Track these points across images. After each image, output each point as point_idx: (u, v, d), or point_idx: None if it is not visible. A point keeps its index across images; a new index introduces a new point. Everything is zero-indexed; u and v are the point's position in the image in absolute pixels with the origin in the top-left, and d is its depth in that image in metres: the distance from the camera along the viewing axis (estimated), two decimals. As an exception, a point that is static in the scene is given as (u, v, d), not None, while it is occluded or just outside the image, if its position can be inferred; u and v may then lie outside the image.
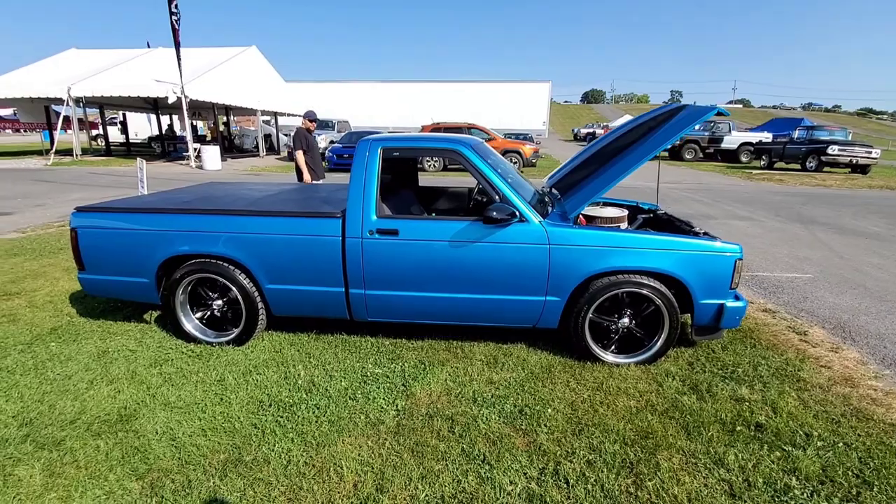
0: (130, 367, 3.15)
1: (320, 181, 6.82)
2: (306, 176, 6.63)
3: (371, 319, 3.42)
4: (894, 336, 3.69)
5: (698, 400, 2.78)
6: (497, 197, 3.17)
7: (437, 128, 18.29)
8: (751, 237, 7.19)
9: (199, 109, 25.52)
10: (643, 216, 4.16)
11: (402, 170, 4.49)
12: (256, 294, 3.39)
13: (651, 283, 3.08)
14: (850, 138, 19.32)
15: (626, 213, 3.83)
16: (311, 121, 6.81)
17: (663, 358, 3.24)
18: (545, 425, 2.56)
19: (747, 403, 2.74)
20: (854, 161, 17.49)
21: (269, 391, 2.88)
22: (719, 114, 2.96)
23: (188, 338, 3.50)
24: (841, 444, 2.36)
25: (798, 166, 19.13)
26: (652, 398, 2.82)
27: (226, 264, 3.34)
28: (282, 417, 2.62)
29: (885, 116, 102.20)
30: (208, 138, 27.25)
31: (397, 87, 32.16)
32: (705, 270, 3.07)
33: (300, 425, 2.55)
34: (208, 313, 3.56)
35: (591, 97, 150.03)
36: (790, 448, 2.34)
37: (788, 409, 2.66)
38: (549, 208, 3.40)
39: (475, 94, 28.78)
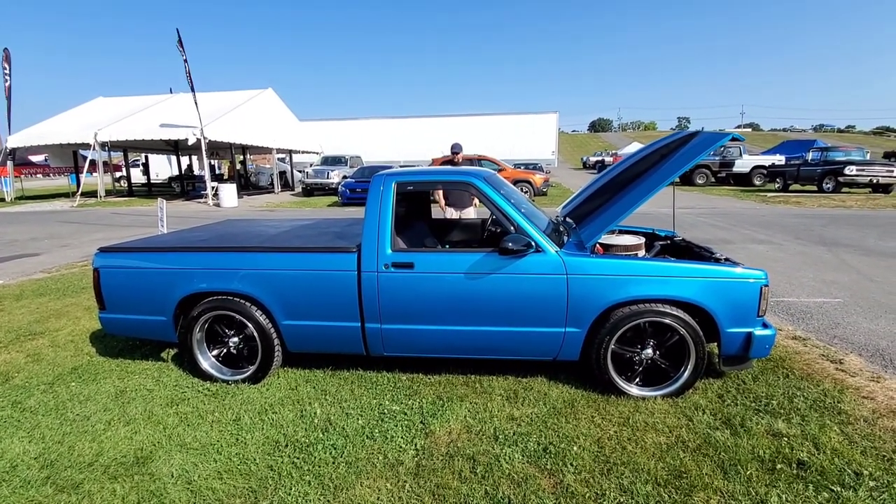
0: (147, 406, 3.12)
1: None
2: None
3: (388, 355, 3.37)
4: (938, 363, 3.50)
5: (732, 435, 2.64)
6: (512, 228, 3.14)
7: (447, 160, 18.50)
8: (773, 261, 7.02)
9: (217, 149, 26.39)
10: (660, 243, 4.10)
11: (415, 203, 4.52)
12: (272, 330, 3.37)
13: (674, 312, 2.99)
14: (868, 157, 19.06)
15: (643, 240, 3.77)
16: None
17: (691, 390, 3.11)
18: (571, 464, 2.44)
19: (786, 439, 2.59)
20: (875, 181, 17.20)
21: (286, 431, 2.82)
22: (734, 139, 2.93)
23: (204, 376, 3.47)
24: None
25: (814, 188, 18.87)
26: (682, 434, 2.69)
27: (242, 301, 3.35)
28: (298, 458, 2.55)
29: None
30: (225, 177, 28.06)
31: (408, 123, 32.86)
32: (730, 298, 2.98)
33: (317, 467, 2.48)
34: (224, 350, 3.54)
35: (598, 126, 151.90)
36: (839, 489, 2.19)
37: (832, 444, 2.51)
38: (565, 238, 3.37)
39: (485, 127, 29.25)
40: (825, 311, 4.71)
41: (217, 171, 30.26)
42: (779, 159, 23.15)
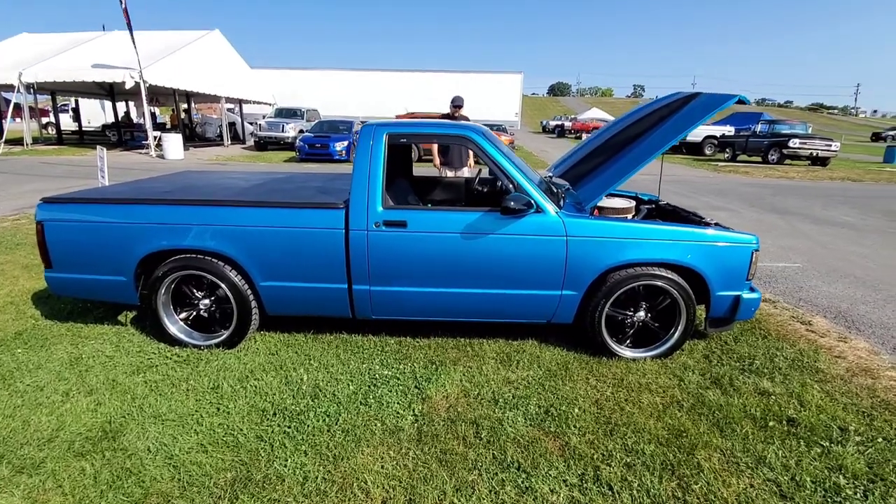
0: (109, 375, 2.83)
1: None
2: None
3: (376, 318, 3.20)
4: (896, 325, 3.75)
5: (723, 394, 2.72)
6: (511, 186, 3.00)
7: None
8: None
9: (157, 96, 24.23)
10: (646, 207, 4.09)
11: (396, 158, 4.25)
12: (249, 292, 3.11)
13: (669, 276, 2.98)
14: (810, 132, 20.11)
15: (633, 203, 3.74)
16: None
17: (678, 351, 3.17)
18: (574, 426, 2.42)
19: (773, 397, 2.69)
20: (815, 154, 18.23)
21: (272, 398, 2.64)
22: (740, 101, 2.87)
23: (172, 341, 3.19)
24: (881, 440, 2.33)
25: (759, 159, 19.79)
26: (676, 393, 2.74)
27: (215, 260, 3.05)
28: (289, 428, 2.39)
29: (835, 111, 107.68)
30: (168, 126, 26.02)
31: (369, 76, 31.32)
32: (723, 262, 3.01)
33: (311, 436, 2.33)
34: (194, 314, 3.26)
35: (557, 90, 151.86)
36: (828, 444, 2.29)
37: (816, 402, 2.63)
38: (561, 199, 3.26)
39: (448, 85, 28.32)
40: (788, 276, 4.95)
41: (158, 121, 27.95)
42: (729, 130, 24.02)
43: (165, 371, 2.89)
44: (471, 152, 5.81)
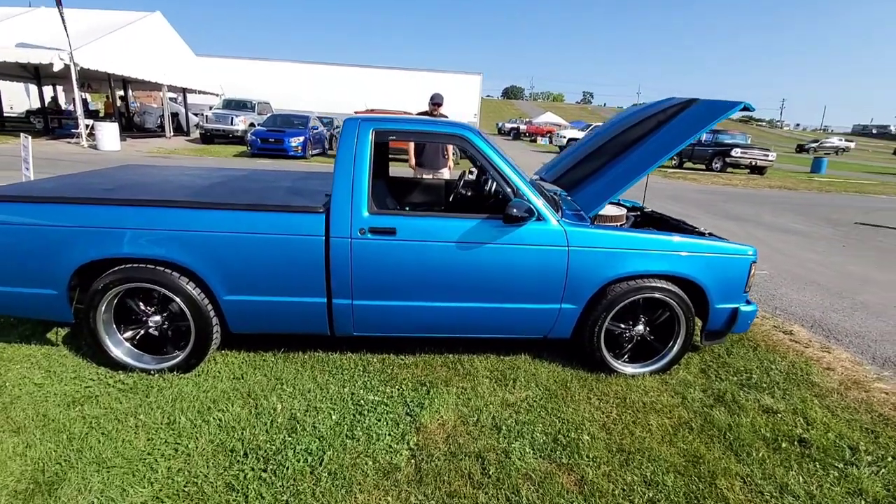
0: (39, 408, 2.35)
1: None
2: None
3: (357, 335, 2.88)
4: (871, 334, 3.84)
5: (730, 413, 2.61)
6: (509, 191, 2.77)
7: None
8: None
9: (90, 81, 22.26)
10: (633, 214, 3.99)
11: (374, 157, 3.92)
12: (210, 307, 2.70)
13: (670, 288, 2.86)
14: (749, 142, 21.35)
15: (624, 211, 3.62)
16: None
17: (676, 366, 3.06)
18: (587, 456, 2.22)
19: (779, 415, 2.61)
20: (754, 163, 19.35)
21: (241, 434, 2.26)
22: (745, 108, 2.79)
23: (116, 364, 2.73)
24: (891, 459, 2.28)
25: (704, 166, 20.80)
26: (682, 413, 2.61)
27: (168, 270, 2.62)
28: (265, 472, 2.04)
29: (763, 123, 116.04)
30: (102, 114, 24.04)
31: (325, 70, 30.31)
32: (723, 274, 2.92)
33: (293, 482, 1.99)
34: (142, 332, 2.80)
35: (511, 93, 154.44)
36: (843, 466, 2.22)
37: (820, 419, 2.57)
38: (558, 206, 3.07)
39: (406, 82, 27.94)
40: (758, 283, 5.04)
41: (90, 108, 25.73)
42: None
43: (108, 403, 2.44)
44: (450, 153, 5.54)
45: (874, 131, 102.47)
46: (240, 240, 2.60)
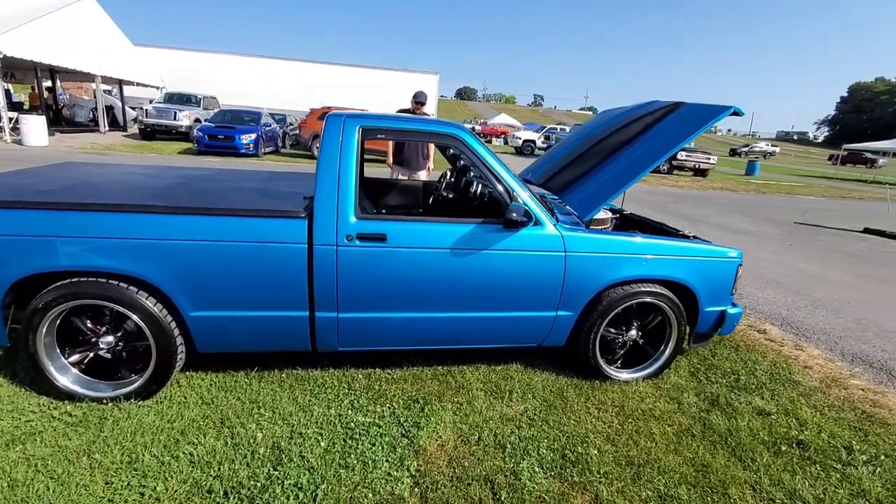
0: (-36, 454, 1.98)
1: None
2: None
3: (342, 349, 2.66)
4: (834, 331, 4.02)
5: (726, 417, 2.61)
6: (503, 192, 2.63)
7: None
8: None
9: (12, 70, 20.27)
10: (613, 217, 3.97)
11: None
12: (173, 324, 2.40)
13: (663, 292, 2.83)
14: (693, 146, 22.49)
15: (610, 214, 3.58)
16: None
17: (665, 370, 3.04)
18: (598, 472, 2.13)
19: (772, 417, 2.63)
20: (697, 166, 20.40)
21: (218, 470, 1.99)
22: (735, 113, 2.79)
23: (62, 394, 2.36)
24: (884, 457, 2.34)
25: (653, 168, 21.71)
26: (681, 420, 2.57)
27: (123, 284, 2.30)
28: (252, 513, 1.79)
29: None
30: (27, 107, 22.03)
31: (275, 65, 29.06)
32: (711, 277, 2.93)
33: (285, 523, 1.76)
34: (91, 355, 2.45)
35: (464, 94, 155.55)
36: (842, 467, 2.25)
37: (811, 419, 2.62)
38: (551, 211, 2.98)
39: (361, 80, 27.32)
40: (723, 282, 5.19)
41: (13, 100, 23.45)
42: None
43: (55, 440, 2.09)
44: (431, 153, 5.36)
45: (795, 137, 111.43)
46: (210, 248, 2.31)
